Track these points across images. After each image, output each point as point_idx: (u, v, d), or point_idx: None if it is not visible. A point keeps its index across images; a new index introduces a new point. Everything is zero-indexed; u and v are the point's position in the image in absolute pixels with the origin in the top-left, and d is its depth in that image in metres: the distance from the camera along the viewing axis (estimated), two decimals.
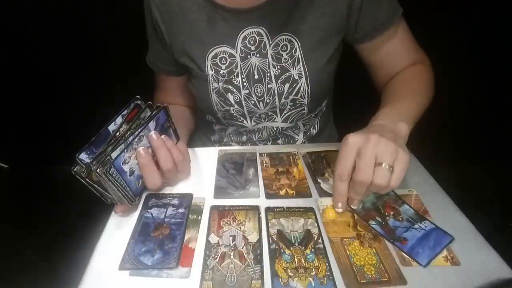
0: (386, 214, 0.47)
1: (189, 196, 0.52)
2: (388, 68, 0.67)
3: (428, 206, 0.49)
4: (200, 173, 0.57)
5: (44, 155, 1.47)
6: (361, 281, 0.39)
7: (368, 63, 0.68)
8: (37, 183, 1.50)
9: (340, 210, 0.48)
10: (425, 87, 0.62)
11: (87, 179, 0.44)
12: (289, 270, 0.40)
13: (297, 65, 0.61)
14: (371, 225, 0.46)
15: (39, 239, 1.23)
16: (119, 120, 0.48)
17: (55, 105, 1.35)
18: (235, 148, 0.64)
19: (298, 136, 0.73)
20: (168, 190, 0.54)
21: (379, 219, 0.47)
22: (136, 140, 0.46)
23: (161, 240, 0.44)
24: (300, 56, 0.61)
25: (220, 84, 0.63)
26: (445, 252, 0.42)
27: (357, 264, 0.41)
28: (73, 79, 1.26)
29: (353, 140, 0.44)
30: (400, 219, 0.46)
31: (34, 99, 1.34)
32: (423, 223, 0.46)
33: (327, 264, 0.41)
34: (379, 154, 0.43)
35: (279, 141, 0.73)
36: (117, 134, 0.47)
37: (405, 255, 0.42)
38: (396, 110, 0.54)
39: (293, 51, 0.61)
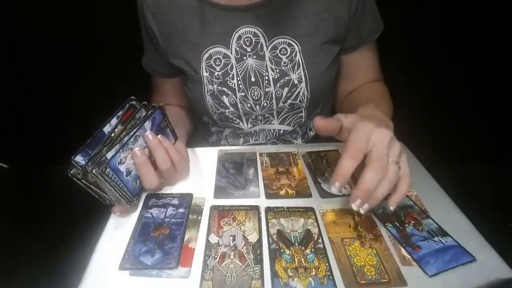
0: (406, 222, 0.47)
1: (189, 196, 0.52)
2: (351, 81, 0.69)
3: (428, 206, 0.49)
4: (200, 173, 0.57)
5: (44, 155, 1.46)
6: (361, 281, 0.39)
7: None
8: (37, 183, 1.50)
9: (335, 191, 0.44)
10: (390, 100, 0.64)
11: (84, 181, 0.44)
12: (289, 270, 0.40)
13: (297, 70, 0.60)
14: (387, 227, 0.46)
15: (39, 239, 1.23)
16: (114, 121, 0.48)
17: (55, 105, 1.35)
18: (235, 148, 0.64)
19: (296, 141, 0.73)
20: (168, 190, 0.53)
21: (397, 224, 0.46)
22: (131, 140, 0.46)
23: (161, 240, 0.44)
24: (300, 60, 0.60)
25: (215, 86, 0.62)
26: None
27: (357, 265, 0.41)
28: (73, 79, 1.26)
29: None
30: (420, 229, 0.45)
31: (34, 99, 1.34)
32: (444, 238, 0.44)
33: (327, 264, 0.41)
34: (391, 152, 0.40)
35: None
36: (112, 135, 0.47)
37: (406, 254, 0.42)
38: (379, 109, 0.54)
39: (293, 55, 0.60)
